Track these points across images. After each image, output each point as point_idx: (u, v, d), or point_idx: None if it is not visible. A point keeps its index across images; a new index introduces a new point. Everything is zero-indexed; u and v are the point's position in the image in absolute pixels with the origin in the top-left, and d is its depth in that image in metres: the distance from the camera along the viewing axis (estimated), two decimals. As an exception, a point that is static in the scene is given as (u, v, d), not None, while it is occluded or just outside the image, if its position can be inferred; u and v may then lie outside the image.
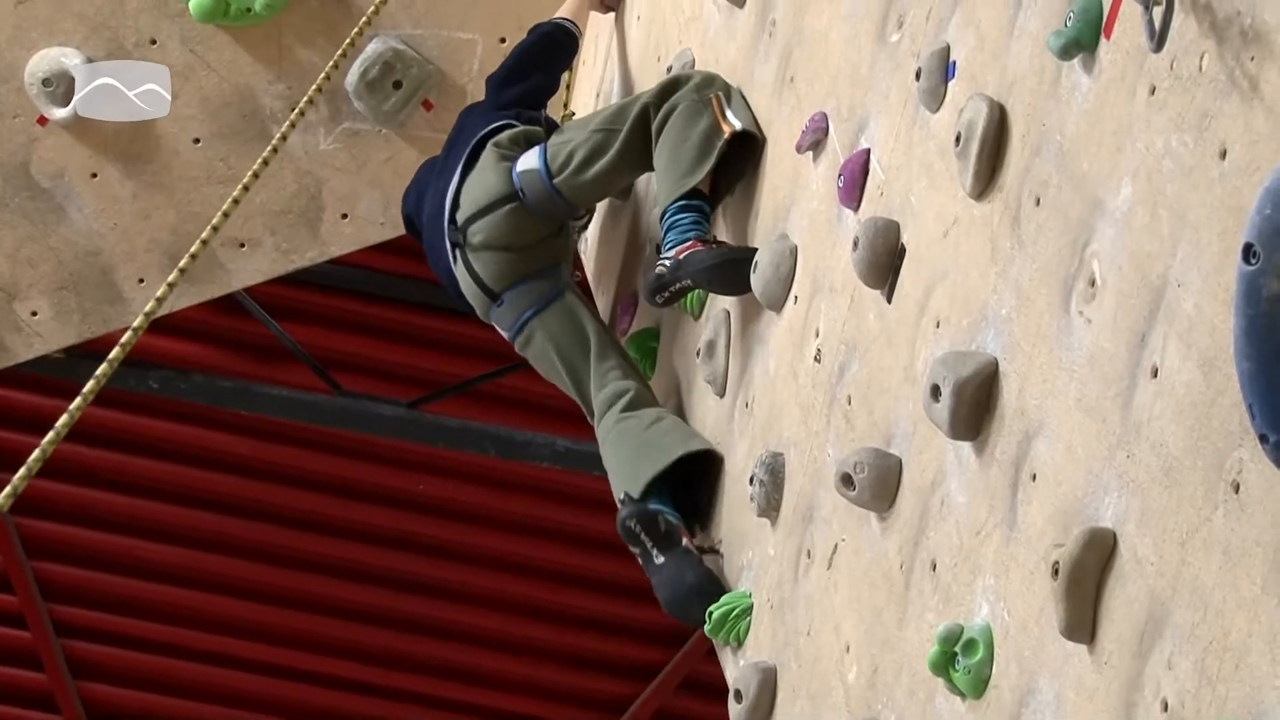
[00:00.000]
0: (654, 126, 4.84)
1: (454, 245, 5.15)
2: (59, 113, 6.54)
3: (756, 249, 4.39)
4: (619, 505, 4.67)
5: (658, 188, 4.83)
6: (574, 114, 6.21)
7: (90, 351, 7.12)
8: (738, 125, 4.63)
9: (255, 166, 4.26)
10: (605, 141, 4.95)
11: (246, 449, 9.30)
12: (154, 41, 6.54)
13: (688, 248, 4.59)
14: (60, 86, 6.51)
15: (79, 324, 6.87)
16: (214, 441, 9.28)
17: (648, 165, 4.95)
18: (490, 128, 5.24)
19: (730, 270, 4.48)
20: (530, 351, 5.14)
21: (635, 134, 4.90)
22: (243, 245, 6.78)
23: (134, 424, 9.26)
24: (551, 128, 5.35)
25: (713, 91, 4.74)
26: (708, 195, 4.73)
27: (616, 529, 4.61)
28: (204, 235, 4.05)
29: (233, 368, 8.79)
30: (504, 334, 5.19)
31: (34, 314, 6.82)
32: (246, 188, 4.14)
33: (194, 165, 6.67)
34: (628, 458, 4.75)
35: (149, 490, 9.52)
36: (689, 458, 4.62)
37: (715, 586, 4.37)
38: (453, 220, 5.14)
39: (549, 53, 5.65)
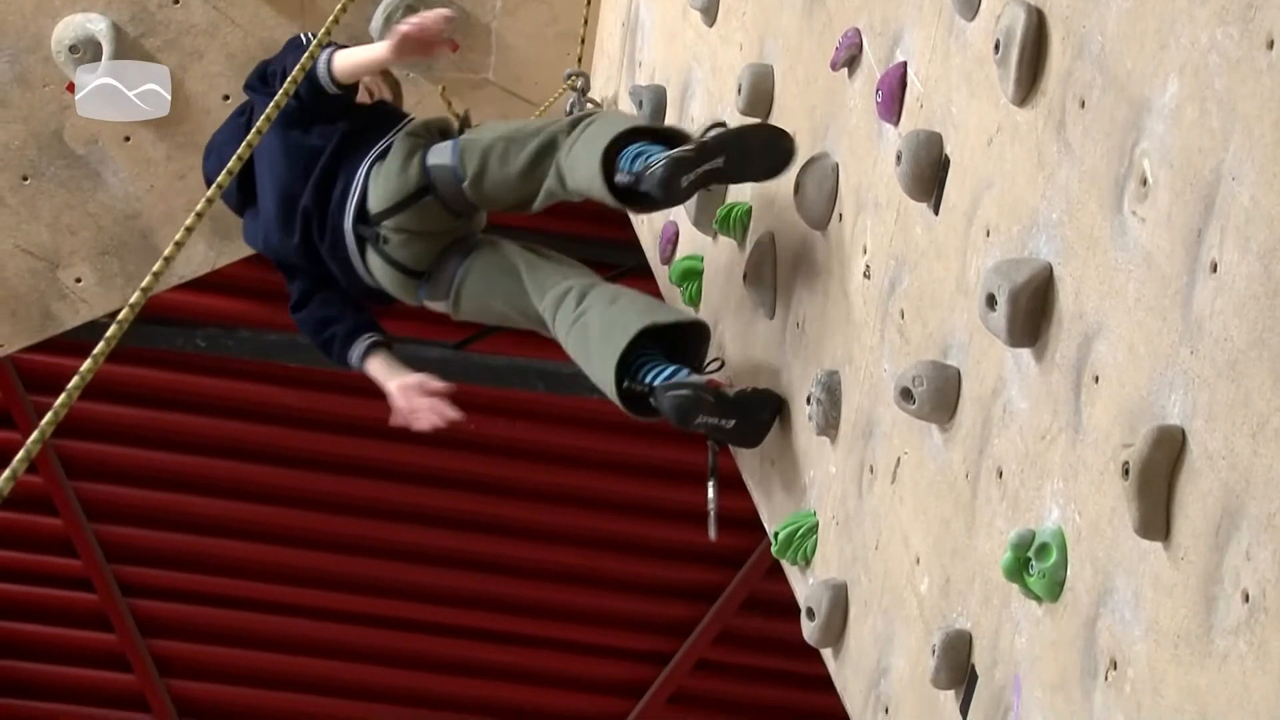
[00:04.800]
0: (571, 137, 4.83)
1: (362, 240, 5.13)
2: (88, 79, 6.54)
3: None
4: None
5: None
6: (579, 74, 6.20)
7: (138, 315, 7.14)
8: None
9: (268, 110, 4.16)
10: (507, 153, 4.93)
11: (295, 400, 9.34)
12: (177, 1, 6.54)
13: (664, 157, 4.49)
14: (87, 53, 6.51)
15: (123, 288, 6.89)
16: (264, 395, 9.33)
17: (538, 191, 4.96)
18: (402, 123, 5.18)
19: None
20: (465, 307, 5.18)
21: (538, 156, 4.89)
22: (279, 198, 6.79)
23: (184, 382, 9.30)
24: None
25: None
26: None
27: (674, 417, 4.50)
28: (219, 179, 3.92)
29: (278, 321, 8.79)
30: (437, 307, 5.23)
31: (78, 280, 6.85)
32: (260, 131, 4.07)
33: (226, 122, 6.67)
34: (595, 348, 4.75)
35: (203, 447, 9.58)
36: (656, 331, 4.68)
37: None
38: (362, 217, 5.10)
39: None
